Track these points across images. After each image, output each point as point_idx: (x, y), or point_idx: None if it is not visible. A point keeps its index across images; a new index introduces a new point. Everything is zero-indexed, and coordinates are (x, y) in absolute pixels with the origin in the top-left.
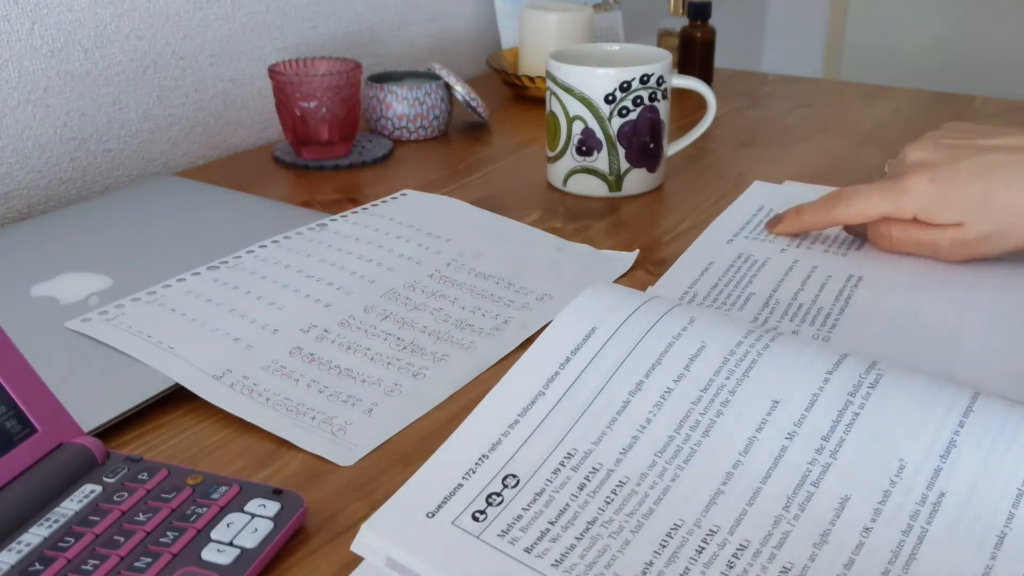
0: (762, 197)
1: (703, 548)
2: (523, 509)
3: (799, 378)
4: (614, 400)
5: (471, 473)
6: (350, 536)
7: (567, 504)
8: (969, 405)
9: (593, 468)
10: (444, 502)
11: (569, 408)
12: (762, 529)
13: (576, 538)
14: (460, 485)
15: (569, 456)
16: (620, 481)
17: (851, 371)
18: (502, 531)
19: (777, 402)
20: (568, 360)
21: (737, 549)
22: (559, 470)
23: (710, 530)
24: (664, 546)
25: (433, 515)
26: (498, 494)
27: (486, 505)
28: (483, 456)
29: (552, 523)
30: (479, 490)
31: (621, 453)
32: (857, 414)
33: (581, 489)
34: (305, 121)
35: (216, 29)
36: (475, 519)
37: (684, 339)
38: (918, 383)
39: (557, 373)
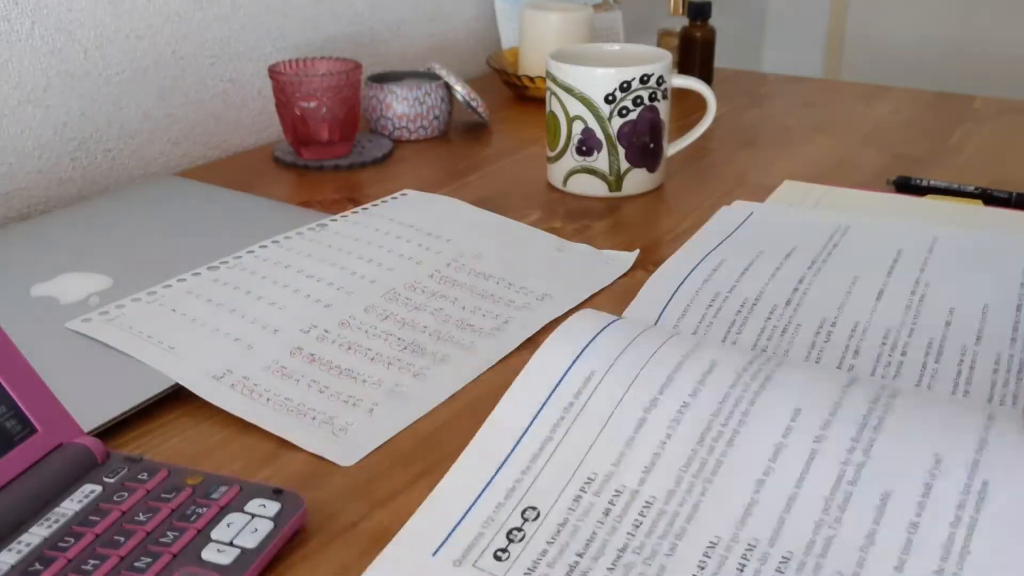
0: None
1: (744, 565)
2: (547, 543)
3: (817, 389)
4: (629, 418)
5: (486, 507)
6: (350, 536)
7: (594, 532)
8: (992, 412)
9: (616, 491)
10: (456, 538)
11: (583, 431)
12: (803, 536)
13: (608, 569)
14: (482, 521)
15: (589, 480)
16: (647, 501)
17: (868, 385)
18: (528, 569)
19: (799, 409)
20: (571, 381)
21: (780, 562)
22: (580, 496)
23: (749, 544)
24: (702, 568)
25: (437, 552)
26: (519, 529)
27: (507, 542)
28: (495, 488)
29: (580, 555)
30: (499, 526)
31: (644, 472)
32: (882, 418)
33: (607, 515)
34: (305, 121)
35: (216, 29)
36: (497, 558)
37: (694, 359)
38: (936, 397)
39: (556, 396)
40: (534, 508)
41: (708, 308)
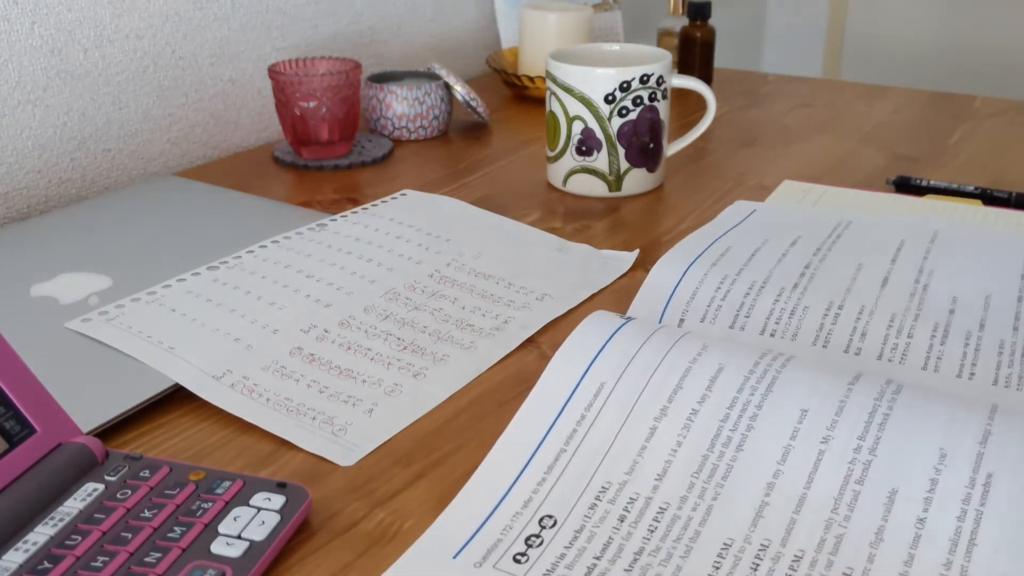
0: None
1: (757, 564)
2: (565, 547)
3: (822, 390)
4: (641, 428)
5: (504, 516)
6: (351, 536)
7: (610, 537)
8: (995, 405)
9: (631, 498)
10: (476, 541)
11: (596, 442)
12: (814, 535)
13: (625, 570)
14: (501, 528)
15: (604, 489)
16: (660, 507)
17: (873, 380)
18: (547, 570)
19: (805, 411)
20: (582, 393)
21: (793, 560)
22: (596, 505)
23: (762, 544)
24: (717, 568)
25: (458, 555)
26: (537, 535)
27: (526, 547)
28: (512, 499)
29: (598, 558)
30: (517, 533)
31: (657, 479)
32: (887, 414)
33: (622, 521)
34: (305, 121)
35: (216, 29)
36: (517, 561)
37: (701, 363)
38: (939, 391)
39: (568, 409)
40: (551, 516)
41: (716, 291)
